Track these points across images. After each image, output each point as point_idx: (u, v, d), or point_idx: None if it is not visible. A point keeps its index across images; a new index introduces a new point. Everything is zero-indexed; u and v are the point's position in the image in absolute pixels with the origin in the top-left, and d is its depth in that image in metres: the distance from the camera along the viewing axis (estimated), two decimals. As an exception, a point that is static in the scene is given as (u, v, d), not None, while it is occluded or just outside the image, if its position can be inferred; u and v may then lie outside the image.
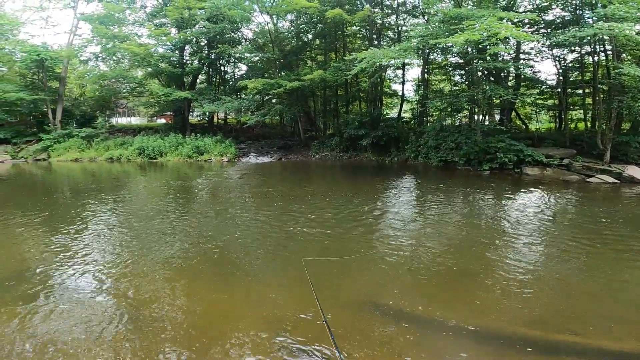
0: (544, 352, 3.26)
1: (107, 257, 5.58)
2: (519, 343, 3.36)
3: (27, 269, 5.19)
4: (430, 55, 18.26)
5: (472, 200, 9.34)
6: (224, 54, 22.78)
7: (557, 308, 3.97)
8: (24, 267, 5.26)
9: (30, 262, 5.48)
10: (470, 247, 5.86)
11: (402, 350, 3.29)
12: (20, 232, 7.00)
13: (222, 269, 5.18)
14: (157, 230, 6.93)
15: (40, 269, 5.14)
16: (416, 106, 20.46)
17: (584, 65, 15.25)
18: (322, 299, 4.23)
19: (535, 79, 16.19)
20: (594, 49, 13.33)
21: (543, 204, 8.62)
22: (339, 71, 17.65)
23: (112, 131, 25.38)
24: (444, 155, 14.96)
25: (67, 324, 3.72)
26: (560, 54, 15.35)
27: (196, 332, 3.58)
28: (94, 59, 25.07)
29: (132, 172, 17.04)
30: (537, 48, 15.97)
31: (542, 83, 16.25)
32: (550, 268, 4.94)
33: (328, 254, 5.60)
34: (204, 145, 20.67)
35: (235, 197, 10.45)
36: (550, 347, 3.31)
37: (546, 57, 16.10)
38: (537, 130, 17.81)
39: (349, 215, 7.78)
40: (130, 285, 4.60)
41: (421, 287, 4.58)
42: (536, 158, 12.67)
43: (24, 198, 10.93)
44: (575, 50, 14.54)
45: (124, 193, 11.39)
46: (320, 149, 20.39)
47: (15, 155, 22.11)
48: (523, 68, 15.42)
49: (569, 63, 15.67)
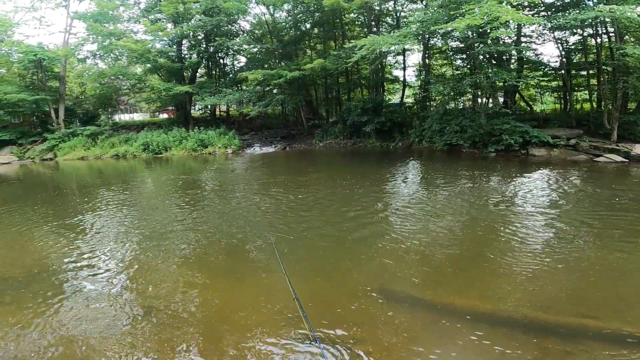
0: (556, 335, 3.30)
1: (121, 252, 5.70)
2: (531, 327, 3.40)
3: (43, 266, 5.31)
4: (431, 41, 18.00)
5: (479, 182, 9.35)
6: (222, 46, 22.57)
7: (569, 291, 4.00)
8: (41, 265, 5.39)
9: (46, 260, 5.61)
10: (478, 231, 5.89)
11: (411, 335, 3.36)
12: (35, 231, 7.11)
13: (234, 262, 5.27)
14: (168, 224, 7.00)
15: (56, 267, 5.27)
16: (418, 91, 20.32)
17: (587, 47, 15.02)
18: (331, 284, 4.37)
19: (538, 61, 15.99)
20: (596, 31, 13.14)
21: (551, 185, 8.61)
22: (339, 59, 17.47)
23: (116, 128, 25.40)
24: (449, 139, 14.91)
25: (85, 319, 3.83)
26: (562, 37, 15.10)
27: (212, 325, 3.66)
28: (91, 57, 24.88)
29: (139, 168, 17.18)
30: (539, 31, 15.72)
31: (545, 65, 16.09)
32: (562, 250, 4.94)
33: (338, 241, 5.68)
34: (207, 138, 20.71)
35: (244, 188, 10.52)
36: (563, 331, 3.35)
37: (548, 40, 15.86)
38: (542, 111, 17.65)
39: (357, 202, 7.80)
40: (145, 279, 4.71)
41: (429, 272, 4.62)
42: (542, 139, 12.59)
43: (35, 197, 11.06)
44: (577, 32, 14.29)
45: (133, 189, 11.53)
46: (324, 137, 20.39)
47: (22, 156, 22.28)
48: (525, 51, 15.20)
49: (571, 45, 15.43)
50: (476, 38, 13.45)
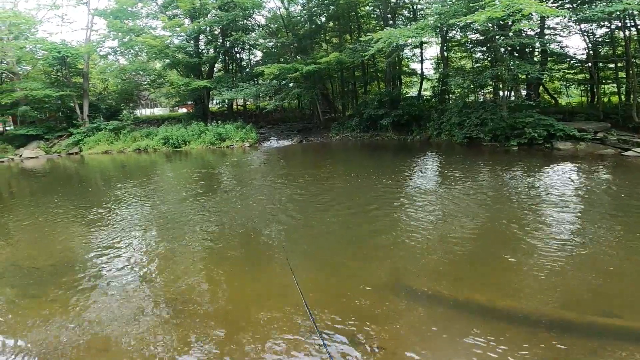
0: (579, 334, 3.23)
1: (143, 244, 5.87)
2: (553, 325, 3.33)
3: (68, 258, 5.54)
4: (449, 33, 17.57)
5: (500, 176, 9.14)
6: (238, 41, 22.74)
7: (592, 289, 3.90)
8: (66, 257, 5.62)
9: (71, 252, 5.85)
10: (499, 226, 5.78)
11: (427, 330, 3.34)
12: (61, 223, 7.42)
13: (251, 255, 5.35)
14: (188, 216, 7.17)
15: (81, 258, 5.49)
16: (437, 84, 19.94)
17: (614, 39, 14.36)
18: (345, 279, 4.38)
19: (563, 53, 15.43)
20: (625, 23, 12.59)
21: (577, 179, 8.34)
22: (355, 52, 17.32)
23: (137, 122, 26.06)
24: (469, 132, 14.60)
25: (108, 311, 3.95)
26: (588, 29, 14.48)
27: (230, 317, 3.74)
28: (112, 54, 25.54)
29: (159, 161, 17.62)
30: (564, 23, 15.13)
31: (570, 58, 15.51)
32: (585, 247, 4.79)
33: (353, 234, 5.70)
34: (225, 132, 21.00)
35: (261, 181, 10.65)
36: (585, 329, 3.27)
37: (574, 32, 15.25)
38: (568, 104, 17.03)
39: (373, 195, 7.75)
40: (165, 272, 4.84)
41: (446, 267, 4.57)
42: (568, 132, 12.16)
43: (62, 190, 11.55)
44: (604, 25, 13.69)
45: (155, 182, 11.85)
46: (341, 131, 20.33)
47: (49, 151, 23.17)
48: (549, 43, 14.65)
49: (598, 38, 14.79)
50: (497, 30, 13.04)
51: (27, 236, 7.09)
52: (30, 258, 5.72)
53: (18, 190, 13.40)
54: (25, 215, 8.56)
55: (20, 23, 22.04)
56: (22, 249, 6.29)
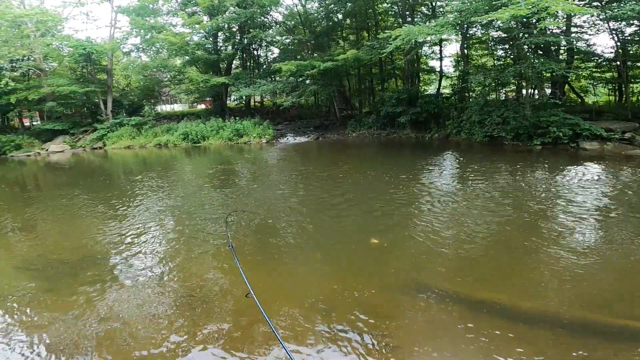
0: (604, 337, 3.15)
1: (165, 238, 6.03)
2: (576, 327, 3.26)
3: (92, 252, 5.72)
4: (470, 30, 17.19)
5: (522, 176, 8.92)
6: (255, 38, 22.91)
7: (619, 292, 3.78)
8: (90, 250, 5.81)
9: (95, 245, 6.04)
10: (520, 226, 5.66)
11: (446, 331, 3.32)
12: (85, 216, 7.70)
13: (267, 250, 5.41)
14: (207, 210, 7.34)
15: (104, 252, 5.67)
16: (456, 82, 19.58)
17: (645, 38, 13.74)
18: (364, 277, 4.36)
19: (590, 52, 14.84)
20: None
21: (603, 180, 8.05)
22: (373, 50, 17.17)
23: (158, 118, 26.63)
24: (490, 131, 14.28)
25: (130, 305, 4.06)
26: (617, 27, 13.89)
27: (243, 314, 3.78)
28: (135, 51, 26.18)
29: (179, 156, 18.02)
30: (591, 21, 14.57)
31: (598, 56, 14.90)
32: (612, 249, 4.64)
33: (371, 232, 5.65)
34: (243, 128, 21.27)
35: (278, 177, 10.75)
36: (613, 333, 3.19)
37: (602, 31, 14.65)
38: (594, 103, 16.43)
39: (390, 193, 7.70)
40: (185, 266, 4.96)
41: (467, 267, 4.52)
42: (594, 132, 11.75)
43: (86, 183, 11.94)
44: (634, 23, 13.09)
45: (175, 176, 12.16)
46: (357, 128, 20.25)
47: (74, 145, 23.97)
48: (576, 41, 14.15)
49: (627, 36, 14.17)
50: (521, 28, 12.67)
51: (54, 228, 7.40)
52: (56, 251, 5.92)
53: (45, 183, 13.96)
54: (52, 208, 8.94)
55: (46, 20, 22.74)
56: (49, 241, 6.54)
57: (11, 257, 5.86)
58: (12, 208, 9.41)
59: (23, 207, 9.24)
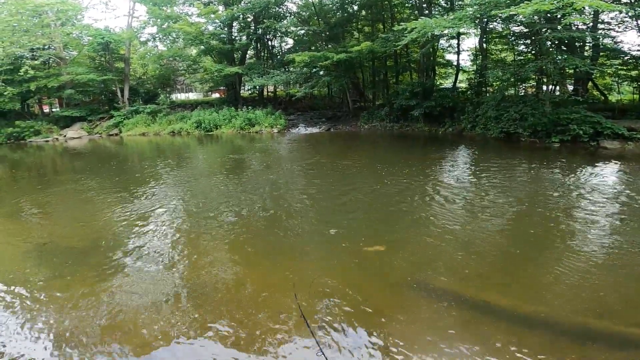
0: (603, 344, 3.03)
1: (174, 227, 6.07)
2: (579, 334, 3.16)
3: (101, 238, 5.80)
4: (490, 25, 16.62)
5: (538, 174, 8.66)
6: (270, 28, 22.80)
7: (627, 299, 3.63)
8: (99, 236, 5.89)
9: (105, 231, 6.13)
10: (532, 227, 5.49)
11: (448, 331, 3.27)
12: (98, 201, 7.82)
13: (273, 243, 5.40)
14: (217, 199, 7.39)
15: (113, 239, 5.76)
16: (474, 76, 19.06)
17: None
18: (368, 276, 4.31)
19: (617, 49, 14.19)
20: None
21: (622, 181, 7.74)
22: (388, 42, 16.81)
23: (173, 106, 26.97)
24: (506, 127, 13.87)
25: (134, 294, 4.10)
26: None
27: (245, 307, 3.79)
28: (152, 40, 26.46)
29: (192, 144, 18.25)
30: (619, 18, 13.90)
31: (625, 54, 14.24)
32: (622, 255, 4.44)
33: (377, 229, 5.63)
34: (255, 118, 21.36)
35: (288, 167, 10.74)
36: (617, 341, 3.06)
37: (630, 28, 13.97)
38: (618, 101, 15.76)
39: (399, 188, 7.58)
40: (191, 256, 5.01)
41: (473, 267, 4.41)
42: (616, 131, 11.29)
43: (101, 169, 12.18)
44: None
45: (188, 164, 12.32)
46: (370, 120, 20.04)
47: (91, 132, 24.54)
48: (602, 38, 13.52)
49: None
50: (544, 23, 12.15)
51: (66, 213, 7.58)
52: (67, 236, 6.04)
53: (61, 168, 14.34)
54: (66, 192, 9.17)
55: (67, 10, 23.16)
56: (61, 227, 6.68)
57: (23, 241, 5.99)
58: (28, 192, 9.69)
59: (38, 192, 9.51)
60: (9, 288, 4.39)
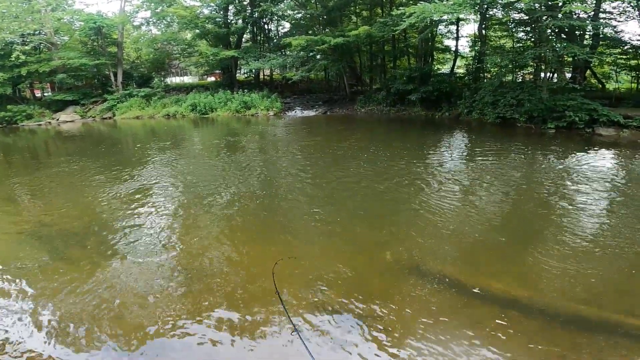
0: (594, 331, 3.10)
1: (169, 209, 6.04)
2: (568, 319, 3.22)
3: (98, 221, 5.79)
4: (489, 11, 16.38)
5: (532, 159, 8.68)
6: (266, 12, 22.39)
7: (617, 286, 3.70)
8: (96, 219, 5.88)
9: (102, 214, 6.10)
10: (525, 213, 5.53)
11: (440, 314, 3.32)
12: (94, 185, 7.73)
13: (266, 226, 5.38)
14: (213, 182, 7.33)
15: (110, 222, 5.74)
16: (472, 62, 18.91)
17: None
18: (361, 257, 4.36)
19: (617, 38, 14.07)
20: None
21: (616, 168, 7.79)
22: (386, 26, 16.56)
23: (168, 90, 26.61)
24: (502, 112, 13.84)
25: (130, 276, 4.15)
26: None
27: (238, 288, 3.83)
28: (145, 24, 25.92)
29: (187, 127, 18.12)
30: (622, 8, 13.75)
31: (625, 43, 14.15)
32: (614, 242, 4.48)
33: (373, 214, 5.60)
34: (251, 101, 21.21)
35: (283, 151, 10.68)
36: (604, 327, 3.13)
37: (631, 18, 13.84)
38: (616, 90, 15.75)
39: (395, 172, 7.49)
40: (186, 239, 5.00)
41: (465, 252, 4.47)
42: (612, 118, 11.30)
43: (95, 152, 12.02)
44: None
45: (182, 147, 12.25)
46: (367, 104, 19.94)
47: (84, 115, 24.22)
48: (603, 27, 13.39)
49: None
50: (544, 10, 11.98)
51: (60, 196, 7.49)
52: (62, 219, 6.00)
53: (54, 151, 14.19)
54: (60, 175, 9.07)
55: (58, -5, 22.63)
56: (55, 209, 6.60)
57: (17, 224, 5.97)
58: (21, 174, 9.61)
59: (32, 174, 9.43)
60: (3, 272, 4.40)
